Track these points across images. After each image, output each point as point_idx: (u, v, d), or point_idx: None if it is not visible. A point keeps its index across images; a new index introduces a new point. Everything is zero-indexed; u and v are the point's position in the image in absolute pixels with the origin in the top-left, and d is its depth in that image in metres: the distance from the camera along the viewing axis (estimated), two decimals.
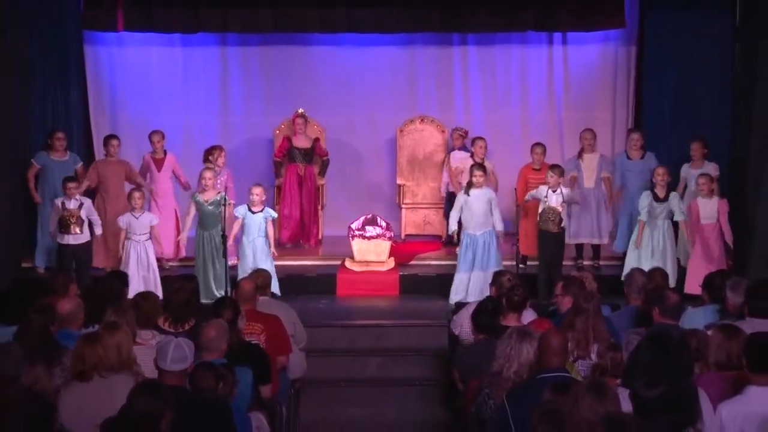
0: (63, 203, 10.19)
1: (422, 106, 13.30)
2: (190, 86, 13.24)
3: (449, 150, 12.46)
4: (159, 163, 11.40)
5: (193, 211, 10.33)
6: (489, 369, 5.96)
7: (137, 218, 10.21)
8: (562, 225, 10.27)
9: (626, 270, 9.83)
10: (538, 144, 11.34)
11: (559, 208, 10.17)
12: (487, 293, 9.53)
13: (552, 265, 10.25)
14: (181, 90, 13.21)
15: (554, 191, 10.18)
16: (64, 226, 10.17)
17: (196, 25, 12.47)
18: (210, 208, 10.19)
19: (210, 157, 11.18)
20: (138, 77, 13.07)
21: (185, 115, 12.90)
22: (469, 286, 10.22)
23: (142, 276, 10.07)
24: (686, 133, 11.39)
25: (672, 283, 9.61)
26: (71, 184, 10.25)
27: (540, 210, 10.24)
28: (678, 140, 11.01)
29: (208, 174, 10.25)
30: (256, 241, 10.13)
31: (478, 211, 10.19)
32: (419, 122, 12.96)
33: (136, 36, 12.78)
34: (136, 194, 10.29)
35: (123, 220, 10.21)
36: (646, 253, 10.31)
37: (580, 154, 11.32)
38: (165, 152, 11.45)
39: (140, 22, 12.42)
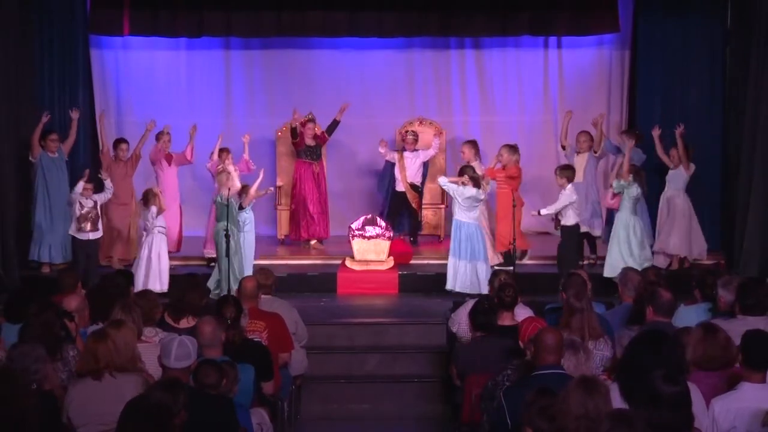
0: (80, 203, 10.50)
1: (420, 109, 13.39)
2: (194, 89, 13.38)
3: (401, 150, 12.56)
4: (169, 158, 11.63)
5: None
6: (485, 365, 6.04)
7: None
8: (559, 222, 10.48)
9: (607, 265, 10.28)
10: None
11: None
12: (475, 285, 10.02)
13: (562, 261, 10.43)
14: (185, 93, 13.34)
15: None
16: (80, 223, 10.52)
17: (200, 29, 12.55)
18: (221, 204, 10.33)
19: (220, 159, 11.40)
20: (143, 80, 13.20)
21: (190, 118, 12.82)
22: (457, 275, 10.36)
23: (153, 267, 10.30)
24: None
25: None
26: (87, 185, 10.58)
27: None
28: (670, 142, 11.15)
29: (221, 178, 10.49)
30: (244, 235, 10.39)
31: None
32: (418, 124, 13.02)
33: (142, 40, 12.91)
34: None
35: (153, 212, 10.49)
36: (632, 244, 10.49)
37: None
38: (171, 154, 11.67)
39: (146, 27, 12.54)
